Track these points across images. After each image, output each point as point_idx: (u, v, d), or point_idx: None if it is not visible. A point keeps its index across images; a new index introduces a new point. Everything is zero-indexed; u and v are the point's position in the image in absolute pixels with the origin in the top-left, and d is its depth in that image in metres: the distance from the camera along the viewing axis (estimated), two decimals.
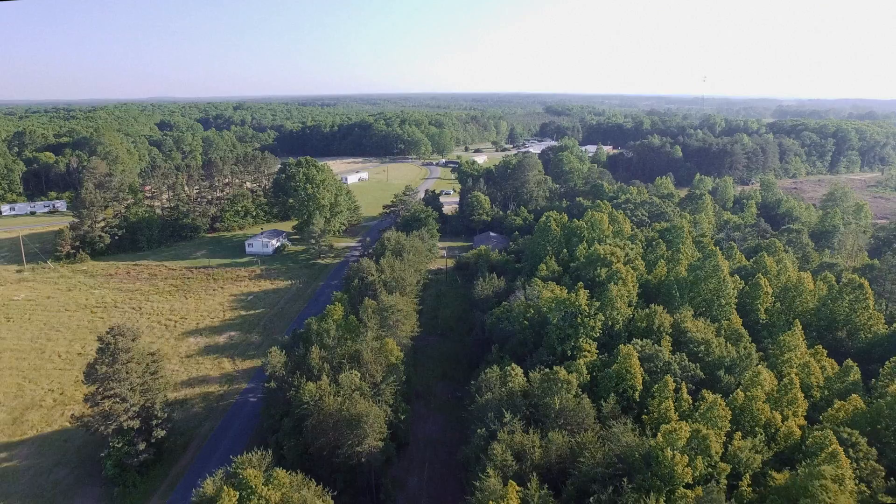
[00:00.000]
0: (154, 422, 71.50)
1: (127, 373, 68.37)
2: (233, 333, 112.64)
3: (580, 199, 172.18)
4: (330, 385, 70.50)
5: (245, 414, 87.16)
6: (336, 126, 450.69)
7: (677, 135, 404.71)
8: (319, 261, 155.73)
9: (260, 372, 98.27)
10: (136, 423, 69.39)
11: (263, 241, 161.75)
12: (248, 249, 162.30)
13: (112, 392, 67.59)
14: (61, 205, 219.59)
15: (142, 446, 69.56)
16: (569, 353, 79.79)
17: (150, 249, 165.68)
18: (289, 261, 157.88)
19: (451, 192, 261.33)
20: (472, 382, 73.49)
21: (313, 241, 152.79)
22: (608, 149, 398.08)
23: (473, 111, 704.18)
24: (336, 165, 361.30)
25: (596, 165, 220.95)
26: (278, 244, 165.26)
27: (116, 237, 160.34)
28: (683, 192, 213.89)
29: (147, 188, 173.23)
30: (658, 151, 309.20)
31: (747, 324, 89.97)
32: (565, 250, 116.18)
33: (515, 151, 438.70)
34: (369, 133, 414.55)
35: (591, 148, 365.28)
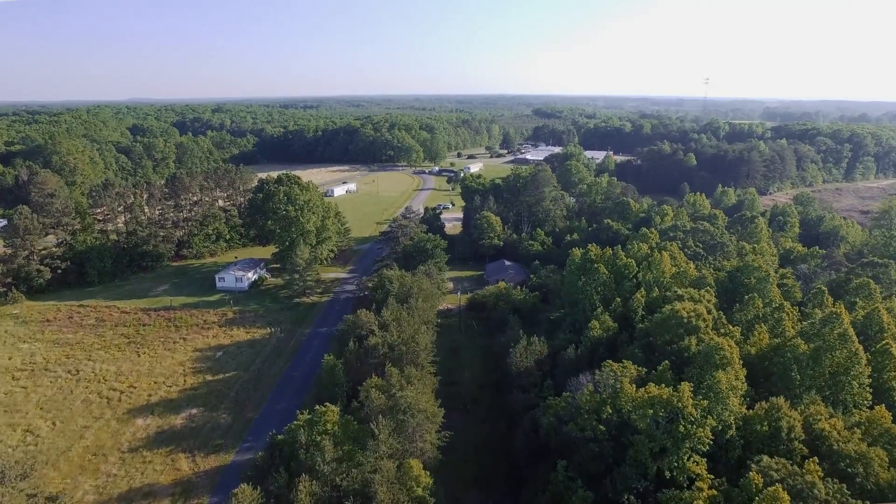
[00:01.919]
0: None
1: None
2: (194, 411, 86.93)
3: (608, 221, 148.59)
4: None
5: None
6: (320, 131, 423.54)
7: (680, 140, 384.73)
8: (304, 299, 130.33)
9: (229, 475, 73.19)
10: None
11: (237, 274, 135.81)
12: (218, 284, 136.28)
13: None
14: (5, 224, 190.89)
15: None
16: (667, 474, 55.86)
17: (102, 284, 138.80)
18: (267, 298, 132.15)
19: (450, 205, 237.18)
20: None
21: (297, 276, 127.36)
22: (605, 154, 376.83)
23: (462, 114, 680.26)
24: (321, 174, 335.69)
25: (615, 178, 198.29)
26: (255, 277, 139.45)
27: (59, 271, 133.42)
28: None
29: (100, 209, 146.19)
30: (670, 159, 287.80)
31: None
32: (618, 298, 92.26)
33: (512, 157, 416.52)
34: (356, 139, 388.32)
35: (596, 154, 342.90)
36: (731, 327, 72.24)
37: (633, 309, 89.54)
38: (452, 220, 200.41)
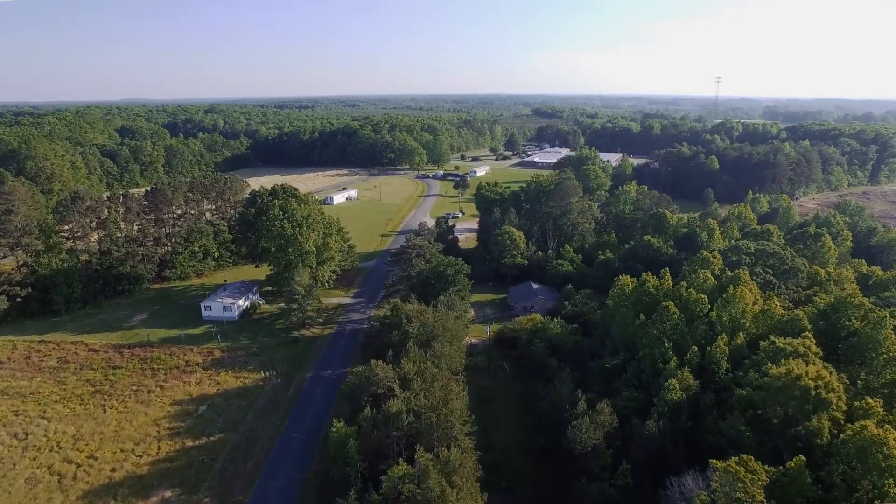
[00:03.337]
0: None
1: None
2: (168, 493, 68.97)
3: (648, 238, 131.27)
4: None
5: None
6: (317, 132, 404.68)
7: (692, 141, 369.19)
8: (304, 332, 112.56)
9: None
10: None
11: (226, 301, 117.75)
12: (204, 314, 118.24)
13: None
14: None
15: None
16: None
17: (70, 313, 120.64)
18: (262, 331, 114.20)
19: (460, 213, 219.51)
20: None
21: (296, 306, 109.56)
22: (618, 157, 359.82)
23: (462, 114, 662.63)
24: (318, 179, 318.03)
25: (646, 187, 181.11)
26: (247, 304, 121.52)
27: (19, 299, 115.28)
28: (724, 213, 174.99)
29: (69, 226, 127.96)
30: (690, 162, 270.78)
31: None
32: (694, 346, 74.81)
33: (518, 160, 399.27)
34: (355, 141, 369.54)
35: (609, 157, 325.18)
36: (870, 401, 54.81)
37: (715, 360, 72.24)
38: (464, 232, 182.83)
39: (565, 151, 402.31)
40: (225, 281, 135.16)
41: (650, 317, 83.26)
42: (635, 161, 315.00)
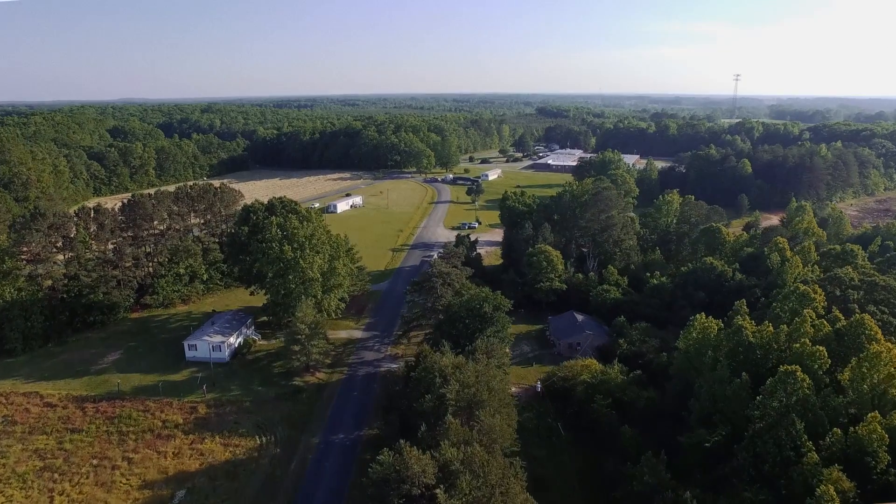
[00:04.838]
0: None
1: None
2: None
3: (710, 259, 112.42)
4: None
5: None
6: (317, 133, 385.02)
7: (710, 142, 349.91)
8: (308, 377, 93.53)
9: None
10: None
11: (214, 340, 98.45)
12: (188, 354, 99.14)
13: None
14: None
15: None
16: None
17: (28, 353, 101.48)
18: (256, 376, 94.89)
19: (476, 223, 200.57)
20: None
21: (298, 348, 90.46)
22: (635, 159, 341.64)
23: (465, 114, 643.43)
24: (319, 183, 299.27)
25: (693, 197, 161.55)
26: (238, 341, 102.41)
27: None
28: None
29: (28, 247, 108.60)
30: (720, 166, 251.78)
31: None
32: (837, 430, 55.86)
33: (530, 162, 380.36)
34: (357, 142, 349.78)
35: (627, 159, 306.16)
36: None
37: (870, 450, 53.33)
38: (484, 245, 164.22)
39: (578, 153, 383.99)
40: (214, 311, 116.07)
41: (757, 377, 64.78)
42: (657, 164, 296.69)
